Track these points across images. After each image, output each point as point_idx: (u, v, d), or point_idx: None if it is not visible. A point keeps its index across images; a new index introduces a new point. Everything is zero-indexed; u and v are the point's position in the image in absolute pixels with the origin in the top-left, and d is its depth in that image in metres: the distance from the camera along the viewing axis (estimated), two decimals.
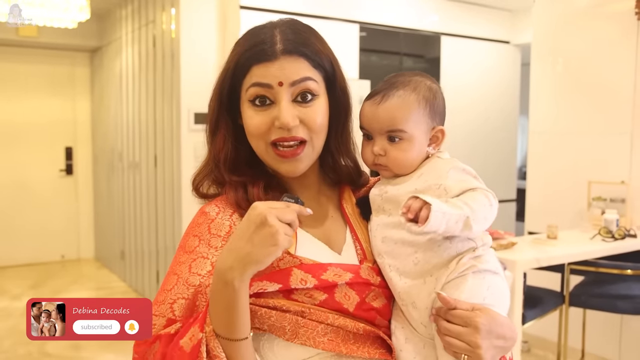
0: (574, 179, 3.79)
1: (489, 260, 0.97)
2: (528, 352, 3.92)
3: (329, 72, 1.00)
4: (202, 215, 1.01)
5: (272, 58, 0.95)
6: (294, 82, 0.95)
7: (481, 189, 0.97)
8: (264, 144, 0.97)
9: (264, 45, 0.96)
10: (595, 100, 3.75)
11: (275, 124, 0.95)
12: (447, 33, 5.22)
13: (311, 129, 0.97)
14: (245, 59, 0.97)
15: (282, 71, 0.95)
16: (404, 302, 0.97)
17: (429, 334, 0.96)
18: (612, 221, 3.22)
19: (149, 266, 5.02)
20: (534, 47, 4.16)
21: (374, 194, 1.04)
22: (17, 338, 4.14)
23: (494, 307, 0.94)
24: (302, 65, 0.96)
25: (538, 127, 4.08)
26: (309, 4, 4.43)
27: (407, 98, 1.00)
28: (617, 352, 3.59)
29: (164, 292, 0.96)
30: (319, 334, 0.92)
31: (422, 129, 1.01)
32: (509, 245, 2.86)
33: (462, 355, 0.90)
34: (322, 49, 1.01)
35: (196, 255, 0.96)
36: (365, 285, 0.97)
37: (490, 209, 0.96)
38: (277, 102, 0.95)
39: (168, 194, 4.53)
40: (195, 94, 4.16)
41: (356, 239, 1.03)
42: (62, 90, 6.46)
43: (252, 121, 0.97)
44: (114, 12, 5.68)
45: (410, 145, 1.00)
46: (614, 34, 3.64)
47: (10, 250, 6.27)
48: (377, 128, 1.01)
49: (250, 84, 0.96)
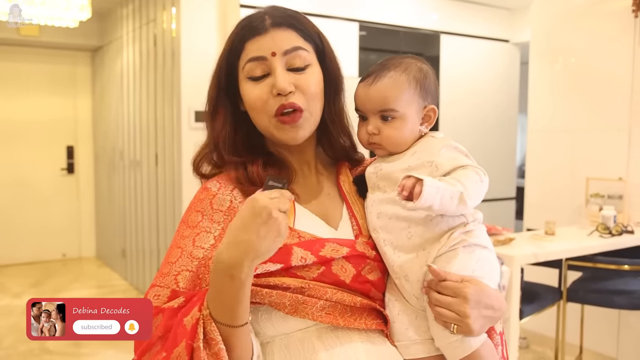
0: (572, 176, 3.81)
1: (479, 235, 1.01)
2: (527, 348, 3.94)
3: (318, 45, 1.05)
4: (205, 191, 1.04)
5: (263, 31, 1.00)
6: (287, 51, 1.00)
7: (471, 166, 1.00)
8: (267, 116, 1.01)
9: (254, 23, 1.02)
10: (593, 97, 3.77)
11: (273, 92, 0.99)
12: (447, 32, 5.24)
13: (307, 94, 1.01)
14: (238, 39, 1.03)
15: (274, 42, 1.00)
16: (397, 275, 1.00)
17: (421, 306, 0.99)
18: (610, 217, 3.24)
19: (150, 264, 5.04)
20: (532, 45, 4.18)
21: (370, 172, 1.07)
22: (18, 335, 4.16)
23: (483, 279, 0.97)
24: (292, 36, 1.02)
25: (537, 125, 4.11)
26: (309, 2, 4.45)
27: (398, 78, 1.04)
28: (615, 348, 3.61)
29: (167, 264, 0.98)
30: (317, 309, 0.94)
31: (413, 108, 1.05)
32: (507, 241, 2.88)
33: (452, 324, 0.93)
34: (310, 24, 1.06)
35: (200, 229, 0.99)
36: (361, 258, 1.00)
37: (482, 185, 0.99)
38: (272, 71, 1.00)
39: (169, 192, 4.56)
40: (196, 93, 4.18)
41: (352, 215, 1.06)
42: (63, 89, 6.49)
43: (252, 94, 1.01)
44: (115, 11, 5.71)
45: (403, 123, 1.04)
46: (611, 31, 3.66)
47: (12, 248, 6.30)
48: (371, 108, 1.05)
49: (246, 61, 1.01)
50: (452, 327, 0.93)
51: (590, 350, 3.65)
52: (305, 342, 0.96)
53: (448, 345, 0.95)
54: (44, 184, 6.47)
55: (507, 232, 2.97)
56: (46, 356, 3.82)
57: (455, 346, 0.94)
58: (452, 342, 0.94)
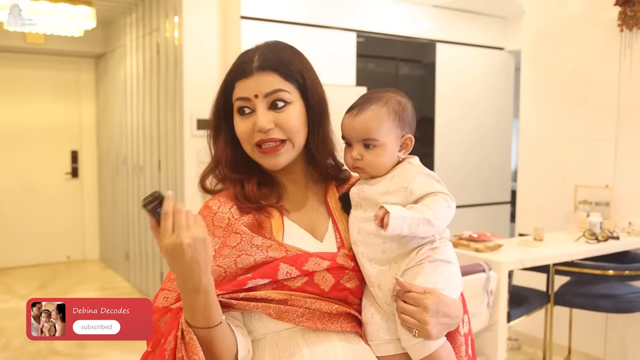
0: (562, 183, 3.93)
1: (444, 252, 1.15)
2: (518, 350, 4.07)
3: (300, 83, 1.18)
4: (206, 209, 1.19)
5: (249, 74, 1.15)
6: (267, 94, 1.14)
7: (441, 193, 1.14)
8: (250, 145, 1.17)
9: (244, 65, 1.17)
10: (582, 106, 3.89)
11: (255, 128, 1.14)
12: (443, 40, 5.36)
13: (286, 130, 1.15)
14: (230, 78, 1.19)
15: (257, 85, 1.14)
16: (372, 284, 1.14)
17: (391, 311, 1.13)
18: (596, 224, 3.36)
19: (152, 267, 5.16)
20: (524, 54, 4.30)
21: (353, 192, 1.21)
22: (26, 337, 4.28)
23: (444, 290, 1.11)
24: (274, 79, 1.15)
25: (528, 132, 4.23)
26: (307, 13, 4.57)
27: (379, 111, 1.17)
28: (603, 349, 3.73)
29: (169, 281, 1.14)
30: (298, 316, 1.10)
31: (392, 137, 1.18)
32: (495, 247, 3.00)
33: (414, 329, 1.08)
34: (294, 63, 1.18)
35: None
36: (341, 270, 1.15)
37: (449, 210, 1.13)
38: (255, 110, 1.15)
39: None
40: (198, 100, 4.31)
41: (336, 229, 1.21)
42: (67, 95, 6.63)
43: (239, 128, 1.17)
44: (119, 20, 5.84)
45: (383, 151, 1.17)
46: (599, 43, 3.78)
47: (17, 251, 6.44)
48: (355, 136, 1.18)
49: (235, 98, 1.17)
50: (414, 332, 1.08)
51: (579, 352, 3.77)
52: (291, 339, 1.12)
53: (411, 346, 1.10)
54: (49, 188, 6.61)
55: (496, 238, 3.09)
56: (53, 357, 3.95)
57: (417, 347, 1.09)
58: (414, 344, 1.09)
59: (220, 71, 4.31)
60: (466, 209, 5.51)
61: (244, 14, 4.24)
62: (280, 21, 4.41)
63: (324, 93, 1.22)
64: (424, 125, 5.40)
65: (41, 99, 6.47)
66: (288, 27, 4.44)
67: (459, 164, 5.53)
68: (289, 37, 4.39)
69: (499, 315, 2.79)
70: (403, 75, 5.31)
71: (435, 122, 5.40)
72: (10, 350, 4.03)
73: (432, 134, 5.40)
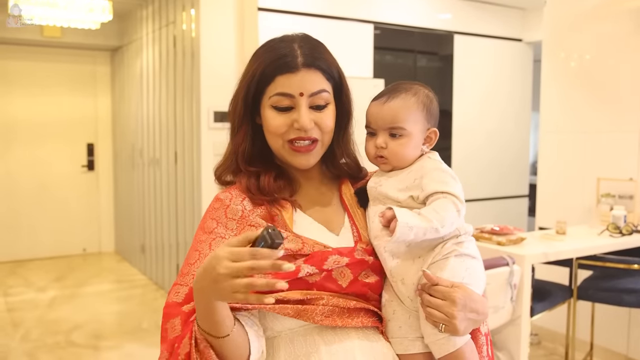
0: (584, 176, 3.87)
1: (468, 246, 1.13)
2: (538, 345, 4.02)
3: (337, 83, 1.16)
4: (218, 201, 1.16)
5: (295, 70, 1.10)
6: (313, 94, 1.11)
7: (452, 195, 1.10)
8: (282, 141, 1.13)
9: (287, 58, 1.11)
10: (605, 98, 3.83)
11: (294, 126, 1.11)
12: (460, 31, 5.31)
13: (323, 131, 1.14)
14: (270, 70, 1.12)
15: (303, 83, 1.10)
16: (394, 279, 1.11)
17: (414, 307, 1.11)
18: (620, 217, 3.31)
19: (169, 259, 5.17)
20: (544, 45, 4.23)
21: (370, 185, 1.19)
22: (44, 328, 4.31)
23: (470, 285, 1.09)
24: (319, 78, 1.12)
25: (548, 125, 4.17)
26: (324, 5, 4.54)
27: (409, 100, 1.16)
28: (625, 345, 3.68)
29: (187, 265, 1.11)
30: (317, 314, 1.06)
31: (419, 128, 1.17)
32: (518, 241, 2.95)
33: (440, 324, 1.05)
34: (333, 62, 1.16)
35: (215, 235, 1.11)
36: (360, 265, 1.11)
37: (457, 215, 1.10)
38: (297, 108, 1.11)
39: (188, 190, 4.68)
40: (215, 93, 4.29)
41: (353, 224, 1.19)
42: (83, 88, 6.65)
43: (273, 122, 1.12)
44: (135, 13, 5.83)
45: (408, 140, 1.15)
46: (623, 32, 3.71)
47: (34, 243, 6.48)
48: (381, 124, 1.16)
49: (274, 93, 1.11)
50: (440, 327, 1.05)
51: (601, 347, 3.72)
52: (307, 337, 1.08)
53: (435, 342, 1.07)
54: (65, 181, 6.64)
55: (518, 231, 3.05)
56: (72, 348, 3.96)
57: (442, 343, 1.06)
58: (439, 340, 1.06)
59: (237, 63, 4.29)
60: (483, 202, 5.46)
61: (261, 6, 4.21)
62: (298, 13, 4.38)
63: (351, 93, 1.21)
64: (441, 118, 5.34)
65: (57, 92, 6.50)
66: (305, 19, 4.41)
67: (476, 157, 5.48)
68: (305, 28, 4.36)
69: (522, 309, 2.75)
70: (420, 67, 5.26)
71: (452, 114, 5.35)
72: (29, 342, 4.05)
73: (450, 126, 5.34)
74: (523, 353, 2.79)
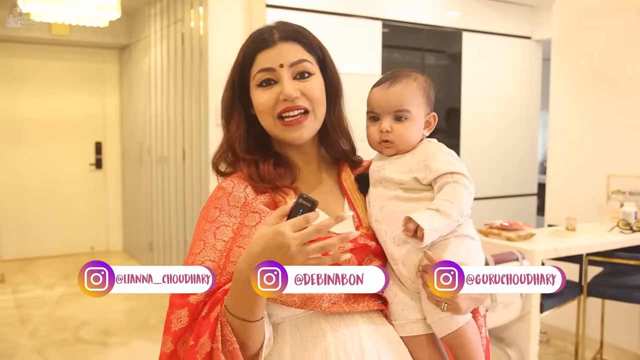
0: (594, 173, 3.85)
1: (467, 227, 1.14)
2: (547, 343, 4.00)
3: (320, 57, 1.18)
4: (220, 189, 1.16)
5: (272, 44, 1.13)
6: (292, 64, 1.13)
7: (460, 175, 1.11)
8: (272, 118, 1.13)
9: (264, 36, 1.14)
10: (614, 95, 3.81)
11: (279, 98, 1.12)
12: (469, 29, 5.29)
13: (311, 99, 1.13)
14: (249, 51, 1.15)
15: (281, 55, 1.12)
16: (396, 262, 1.12)
17: (416, 289, 1.12)
18: (631, 213, 3.28)
19: (177, 257, 5.18)
20: (554, 43, 4.21)
21: (373, 169, 1.21)
22: (53, 325, 4.33)
23: (471, 264, 1.10)
24: (298, 49, 1.14)
25: (558, 122, 4.15)
26: (332, 1, 4.53)
27: (411, 85, 1.18)
28: (636, 343, 3.65)
29: (192, 255, 1.10)
30: (324, 302, 1.07)
31: (421, 112, 1.19)
32: (528, 237, 2.94)
33: (443, 303, 1.06)
34: (313, 38, 1.18)
35: (219, 224, 1.11)
36: (364, 250, 1.12)
37: (470, 197, 1.12)
38: (280, 80, 1.12)
39: (196, 187, 4.68)
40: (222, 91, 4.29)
41: (353, 209, 1.19)
42: (91, 86, 6.67)
43: (260, 99, 1.14)
44: (143, 11, 5.84)
45: (412, 123, 1.18)
46: (632, 29, 3.69)
47: (42, 241, 6.50)
48: (387, 108, 1.18)
49: (256, 71, 1.14)
50: (443, 306, 1.06)
51: (611, 345, 3.70)
52: (313, 322, 1.09)
53: (438, 321, 1.08)
54: (73, 179, 6.66)
55: (528, 227, 3.03)
56: (80, 345, 3.97)
57: (444, 322, 1.08)
58: (442, 319, 1.07)
59: None
60: (492, 201, 5.44)
61: (269, 3, 4.21)
62: (306, 9, 4.37)
63: (339, 73, 1.22)
64: (449, 116, 5.34)
65: (65, 90, 6.52)
66: (313, 16, 4.41)
67: (485, 154, 5.45)
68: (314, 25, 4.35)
69: (531, 305, 2.74)
70: (429, 65, 5.24)
71: (461, 112, 5.33)
72: (38, 338, 4.06)
73: (458, 124, 5.33)
74: (533, 350, 2.77)
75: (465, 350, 1.10)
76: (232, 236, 1.09)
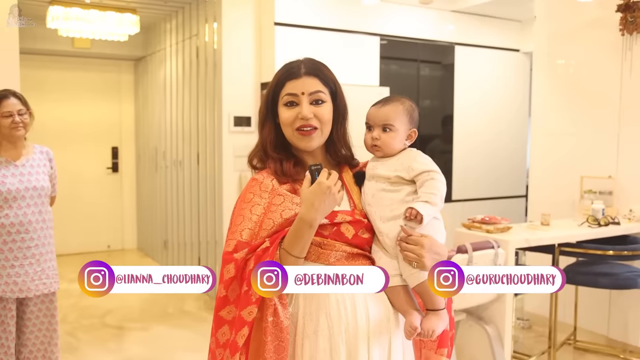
0: (570, 175, 4.27)
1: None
2: (529, 329, 4.40)
3: (332, 89, 1.61)
4: (253, 180, 1.60)
5: (298, 76, 1.57)
6: (311, 93, 1.56)
7: (435, 172, 1.54)
8: (291, 129, 1.56)
9: (293, 69, 1.59)
10: (588, 104, 4.23)
11: (299, 116, 1.54)
12: (461, 43, 5.71)
13: (321, 120, 1.56)
14: (282, 79, 1.59)
15: (304, 85, 1.56)
16: (382, 234, 1.55)
17: (395, 254, 1.54)
18: (598, 210, 3.70)
19: (190, 254, 5.59)
20: (535, 55, 4.64)
21: (369, 167, 1.63)
22: (79, 312, 4.75)
23: (435, 236, 1.52)
24: (316, 82, 1.57)
25: (539, 128, 4.58)
26: (335, 19, 4.95)
27: (398, 107, 1.62)
28: (606, 327, 4.06)
29: (234, 225, 1.54)
30: (330, 257, 1.51)
31: (404, 127, 1.61)
32: (505, 229, 3.35)
33: (413, 262, 1.47)
34: (330, 74, 1.62)
35: (253, 203, 1.55)
36: (359, 223, 1.56)
37: (444, 186, 1.54)
38: (300, 103, 1.55)
39: (210, 188, 5.10)
40: (235, 100, 4.73)
41: (350, 198, 1.63)
42: (109, 95, 7.13)
43: (285, 115, 1.57)
44: (159, 26, 6.28)
45: (395, 135, 1.60)
46: (603, 45, 4.11)
47: (62, 240, 6.91)
48: (377, 122, 1.61)
49: (284, 94, 1.57)
50: (414, 264, 1.48)
51: (584, 329, 4.11)
52: None
53: (410, 275, 1.49)
54: (91, 182, 7.11)
55: (505, 221, 3.45)
56: (105, 329, 4.39)
57: (414, 276, 1.49)
58: (413, 274, 1.49)
59: (256, 73, 4.73)
60: (483, 202, 5.83)
61: (277, 21, 4.64)
62: (311, 27, 4.79)
63: (346, 101, 1.66)
64: (443, 124, 5.75)
65: (85, 99, 6.98)
66: (318, 33, 4.83)
67: (477, 160, 5.85)
68: (318, 41, 4.82)
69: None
70: (424, 76, 5.66)
71: (454, 120, 5.73)
72: (67, 324, 4.49)
73: (451, 131, 5.73)
74: (507, 326, 3.18)
75: (430, 296, 1.52)
76: (263, 212, 1.53)
